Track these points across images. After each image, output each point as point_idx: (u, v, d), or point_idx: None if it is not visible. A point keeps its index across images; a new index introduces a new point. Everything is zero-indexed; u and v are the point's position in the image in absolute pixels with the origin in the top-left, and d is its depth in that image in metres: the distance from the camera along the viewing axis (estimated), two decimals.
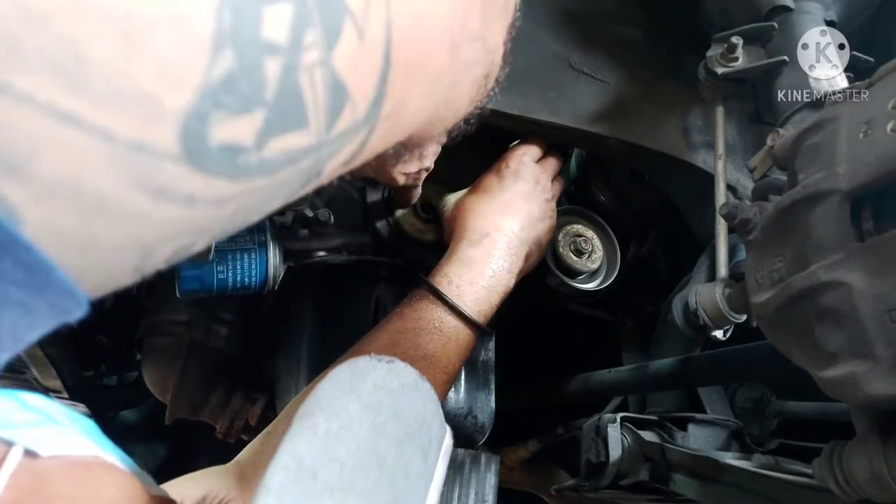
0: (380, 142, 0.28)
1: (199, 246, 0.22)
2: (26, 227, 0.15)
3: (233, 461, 0.51)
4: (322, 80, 0.21)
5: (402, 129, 0.31)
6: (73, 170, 0.16)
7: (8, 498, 0.23)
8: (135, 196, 0.17)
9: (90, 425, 0.30)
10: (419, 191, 0.68)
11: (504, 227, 0.66)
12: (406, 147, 0.40)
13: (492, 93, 0.44)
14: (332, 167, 0.26)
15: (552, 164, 0.75)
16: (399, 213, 0.77)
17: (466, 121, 0.44)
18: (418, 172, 0.58)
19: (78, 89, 0.15)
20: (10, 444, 0.25)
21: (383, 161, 0.42)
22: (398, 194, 0.71)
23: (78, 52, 0.15)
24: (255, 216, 0.23)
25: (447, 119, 0.38)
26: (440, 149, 0.49)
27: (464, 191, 0.72)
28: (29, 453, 0.25)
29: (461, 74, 0.35)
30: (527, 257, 0.68)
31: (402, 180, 0.57)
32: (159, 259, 0.20)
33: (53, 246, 0.16)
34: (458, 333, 0.60)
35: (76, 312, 0.18)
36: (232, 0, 0.17)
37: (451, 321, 0.60)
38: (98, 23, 0.15)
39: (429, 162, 0.54)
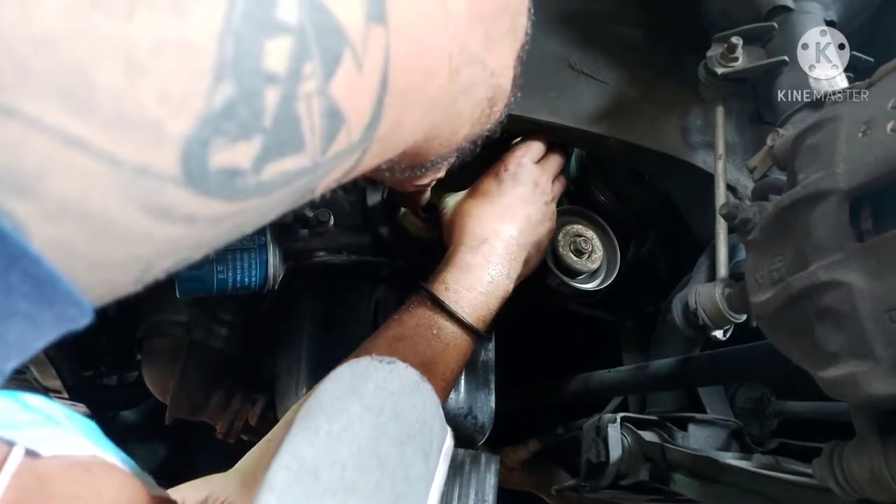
0: (373, 160, 0.29)
1: (196, 258, 0.23)
2: (34, 242, 0.16)
3: (233, 469, 0.51)
4: (319, 107, 0.21)
5: (395, 148, 0.32)
6: (80, 192, 0.16)
7: (10, 498, 0.23)
8: (138, 217, 0.18)
9: (91, 426, 0.30)
10: (427, 195, 0.68)
11: (502, 233, 0.66)
12: (400, 162, 0.40)
13: (501, 116, 0.44)
14: (326, 184, 0.26)
15: (552, 164, 0.75)
16: (399, 211, 0.77)
17: (473, 142, 0.44)
18: (429, 183, 0.58)
19: (85, 113, 0.16)
20: (11, 445, 0.25)
21: (381, 175, 0.43)
22: (406, 198, 0.71)
23: (85, 76, 0.15)
24: (250, 229, 0.24)
25: (444, 137, 0.39)
26: (453, 160, 0.50)
27: (463, 192, 0.72)
28: (30, 453, 0.25)
29: (459, 95, 0.35)
30: (526, 262, 0.68)
31: (412, 189, 0.58)
32: (159, 271, 0.21)
33: (61, 261, 0.17)
34: (457, 340, 0.60)
35: (82, 321, 0.18)
36: (234, 30, 0.18)
37: (450, 327, 0.60)
38: (104, 47, 0.16)
39: (441, 174, 0.54)
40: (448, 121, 0.37)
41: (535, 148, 0.73)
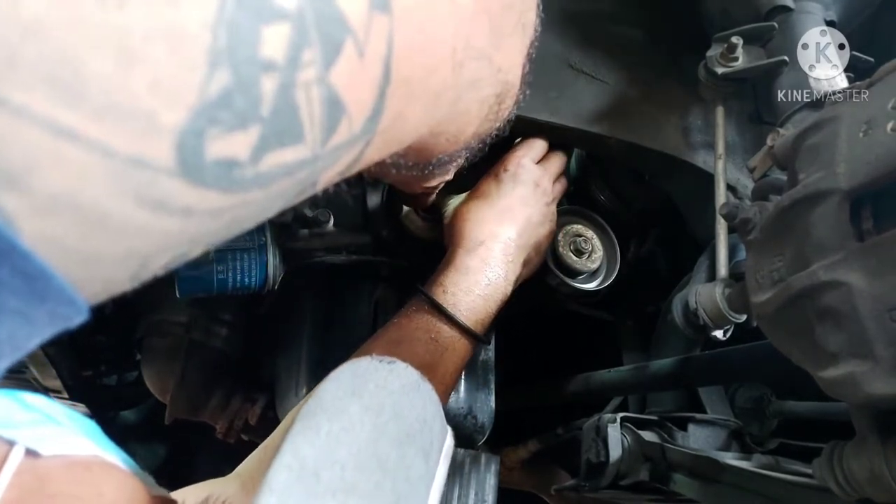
0: (376, 153, 0.28)
1: (195, 254, 0.22)
2: (24, 237, 0.15)
3: (233, 473, 0.51)
4: (319, 96, 0.21)
5: (399, 142, 0.31)
6: (71, 184, 0.16)
7: (10, 497, 0.23)
8: (133, 210, 0.17)
9: (91, 425, 0.30)
10: (433, 198, 0.68)
11: (500, 235, 0.65)
12: (406, 158, 0.39)
13: (510, 114, 0.43)
14: (328, 177, 0.26)
15: (554, 164, 0.74)
16: (402, 211, 0.77)
17: (482, 140, 0.43)
18: (437, 185, 0.58)
19: (75, 103, 0.15)
20: (11, 444, 0.25)
21: (387, 172, 0.43)
22: (411, 199, 0.71)
23: (75, 65, 0.15)
24: (250, 224, 0.23)
25: (451, 134, 0.38)
26: (462, 162, 0.49)
27: (465, 194, 0.72)
28: (30, 453, 0.25)
29: (465, 91, 0.35)
30: (525, 263, 0.67)
31: (420, 191, 0.58)
32: (156, 267, 0.21)
33: (53, 256, 0.16)
34: (455, 343, 0.60)
35: (77, 319, 0.18)
36: (228, 17, 0.17)
37: (447, 331, 0.60)
38: (94, 35, 0.15)
39: (449, 176, 0.54)
40: (454, 117, 0.37)
41: (537, 148, 0.73)
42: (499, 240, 0.65)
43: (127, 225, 0.18)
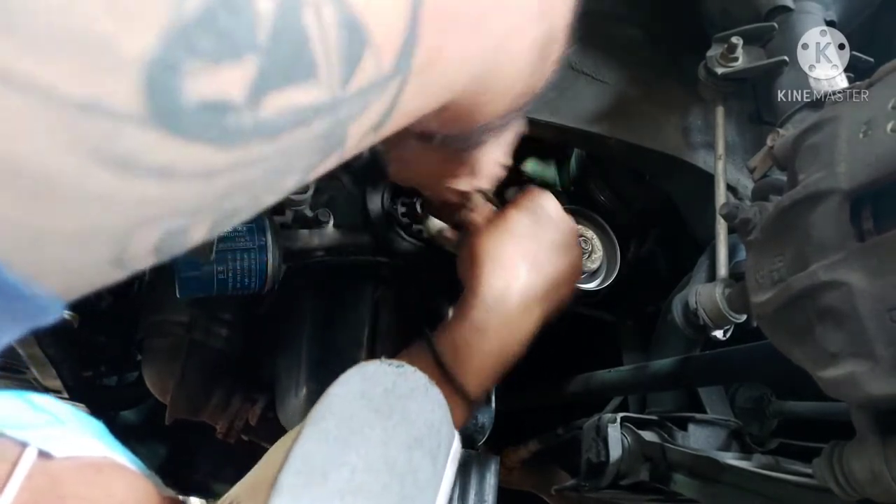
0: (414, 102, 0.23)
1: (196, 232, 0.18)
2: None
3: (230, 492, 0.51)
4: (332, 18, 0.16)
5: (442, 88, 0.25)
6: (6, 141, 0.12)
7: (23, 499, 0.23)
8: (91, 170, 0.14)
9: (98, 426, 0.31)
10: (465, 211, 0.63)
11: (526, 292, 0.58)
12: (447, 126, 0.33)
13: (552, 71, 0.38)
14: (358, 132, 0.20)
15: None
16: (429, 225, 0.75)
17: (527, 101, 0.38)
18: (468, 193, 0.52)
19: (6, 32, 0.12)
20: (24, 445, 0.25)
21: (422, 158, 0.38)
22: (440, 210, 0.67)
23: None
24: (264, 193, 0.19)
25: (499, 90, 0.32)
26: (499, 170, 0.46)
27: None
28: (43, 454, 0.25)
29: (511, 31, 0.28)
30: (544, 321, 0.63)
31: (451, 197, 0.53)
32: (142, 248, 0.16)
33: None
34: (454, 409, 0.55)
35: (42, 315, 0.15)
36: None
37: (450, 397, 0.53)
38: None
39: (484, 182, 0.48)
40: (500, 65, 0.30)
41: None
42: (524, 297, 0.59)
43: (86, 191, 0.14)
